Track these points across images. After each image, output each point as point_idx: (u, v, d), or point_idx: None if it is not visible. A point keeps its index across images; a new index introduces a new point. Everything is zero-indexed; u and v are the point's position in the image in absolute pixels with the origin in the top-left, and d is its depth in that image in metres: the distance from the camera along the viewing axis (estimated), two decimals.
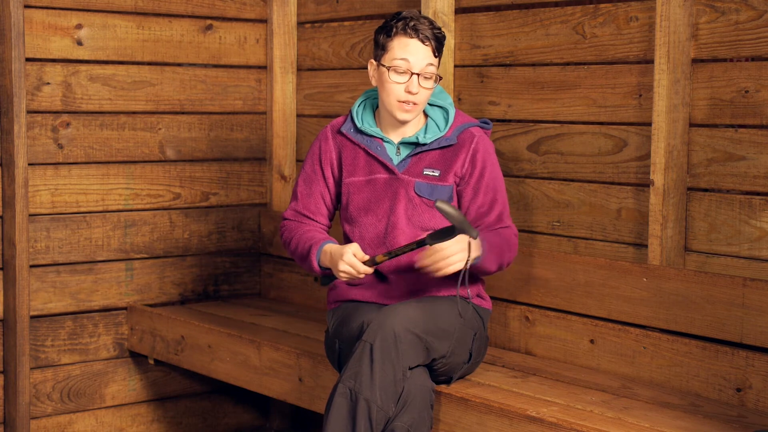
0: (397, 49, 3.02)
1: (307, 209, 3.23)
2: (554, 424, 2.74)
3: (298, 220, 3.23)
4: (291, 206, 3.26)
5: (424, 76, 3.02)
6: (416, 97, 3.02)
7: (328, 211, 3.24)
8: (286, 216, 3.26)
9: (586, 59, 3.42)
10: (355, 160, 3.17)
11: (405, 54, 3.01)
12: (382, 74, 3.06)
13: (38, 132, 3.94)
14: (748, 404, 2.94)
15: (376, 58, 3.09)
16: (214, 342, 3.79)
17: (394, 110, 3.06)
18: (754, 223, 3.03)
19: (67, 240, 4.03)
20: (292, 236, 3.20)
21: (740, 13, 3.03)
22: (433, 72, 3.03)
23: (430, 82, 3.04)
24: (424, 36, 3.01)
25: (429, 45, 3.02)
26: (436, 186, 3.10)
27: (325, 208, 3.24)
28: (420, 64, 3.01)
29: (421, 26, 3.01)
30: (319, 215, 3.22)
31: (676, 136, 3.15)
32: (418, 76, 3.01)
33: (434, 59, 3.03)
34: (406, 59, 3.01)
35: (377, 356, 2.82)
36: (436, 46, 3.03)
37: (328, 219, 3.25)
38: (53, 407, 4.06)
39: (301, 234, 3.17)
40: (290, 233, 3.21)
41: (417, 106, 3.05)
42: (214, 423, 4.44)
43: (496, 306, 3.52)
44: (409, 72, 3.01)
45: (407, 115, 3.06)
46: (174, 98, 4.24)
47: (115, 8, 4.06)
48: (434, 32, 3.03)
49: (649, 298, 3.14)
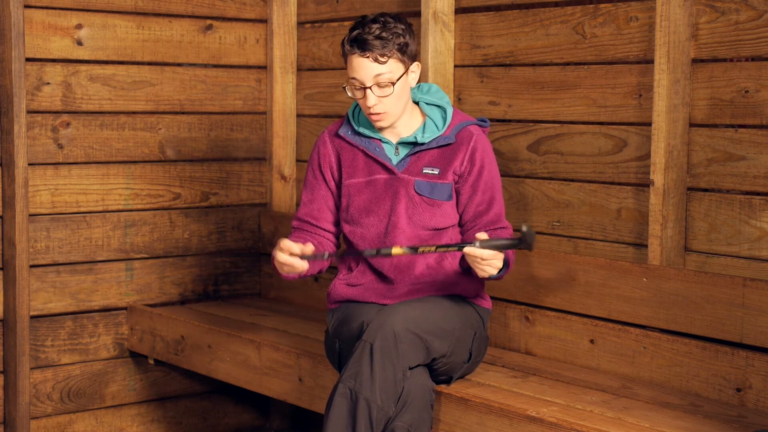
0: (348, 68, 3.01)
1: (310, 216, 3.22)
2: (554, 424, 2.74)
3: (301, 228, 3.22)
4: (296, 214, 3.25)
5: (378, 86, 3.00)
6: (378, 108, 3.01)
7: (332, 216, 3.22)
8: (293, 225, 3.26)
9: (586, 59, 3.42)
10: (354, 162, 3.16)
11: (352, 72, 3.00)
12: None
13: (38, 132, 3.94)
14: (748, 404, 2.94)
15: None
16: (214, 342, 3.79)
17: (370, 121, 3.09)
18: (754, 223, 3.03)
19: (67, 240, 4.03)
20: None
21: (740, 13, 3.03)
22: (386, 79, 2.98)
23: (387, 89, 2.99)
24: (362, 48, 2.96)
25: (369, 56, 2.96)
26: (436, 184, 3.10)
27: (329, 213, 3.22)
28: (366, 78, 2.98)
29: (362, 35, 2.96)
30: (323, 221, 3.21)
31: (676, 136, 3.15)
32: (370, 89, 2.99)
33: (381, 66, 2.97)
34: (353, 77, 3.00)
35: (377, 356, 2.83)
36: (380, 51, 2.95)
37: (333, 224, 3.22)
38: (53, 407, 4.06)
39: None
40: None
41: (386, 114, 3.03)
42: (214, 423, 4.44)
43: (496, 306, 3.52)
44: (362, 88, 3.01)
45: (381, 123, 3.06)
46: (174, 98, 4.24)
47: (115, 8, 4.06)
48: (378, 36, 2.95)
49: (649, 298, 3.14)
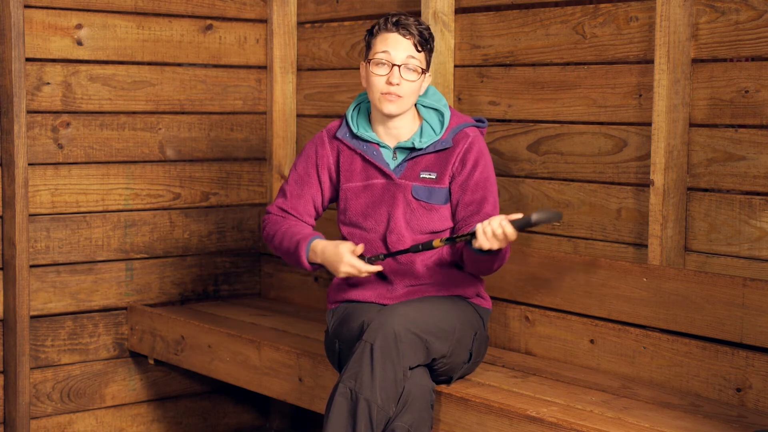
0: (379, 44, 3.04)
1: (294, 209, 3.21)
2: (554, 424, 2.74)
3: (282, 216, 3.21)
4: (277, 203, 3.23)
5: (406, 68, 3.02)
6: (398, 89, 3.02)
7: (316, 214, 3.24)
8: (270, 210, 3.23)
9: (586, 59, 3.42)
10: (352, 166, 3.16)
11: (385, 47, 3.02)
12: (367, 70, 3.07)
13: (38, 132, 3.94)
14: (748, 404, 2.94)
15: (365, 58, 3.10)
16: (214, 342, 3.79)
17: (378, 104, 3.06)
18: (754, 223, 3.03)
19: (67, 240, 4.03)
20: (276, 230, 3.17)
21: (740, 13, 3.03)
22: (416, 65, 3.03)
23: (413, 75, 3.03)
24: (405, 30, 3.02)
25: (410, 38, 3.02)
26: (433, 189, 3.09)
27: (314, 211, 3.23)
28: (400, 56, 3.01)
29: (404, 21, 3.03)
30: (306, 216, 3.21)
31: (676, 136, 3.14)
32: (399, 68, 3.01)
33: (417, 53, 3.03)
34: (386, 51, 3.02)
35: (377, 356, 2.83)
36: (419, 41, 3.03)
37: (314, 220, 3.25)
38: (53, 407, 4.06)
39: (286, 229, 3.15)
40: (274, 227, 3.19)
41: (401, 99, 3.04)
42: (214, 423, 4.44)
43: (496, 306, 3.52)
44: (390, 64, 3.02)
45: (391, 106, 3.04)
46: (174, 98, 4.24)
47: (115, 8, 4.06)
48: (418, 28, 3.04)
49: (649, 298, 3.14)
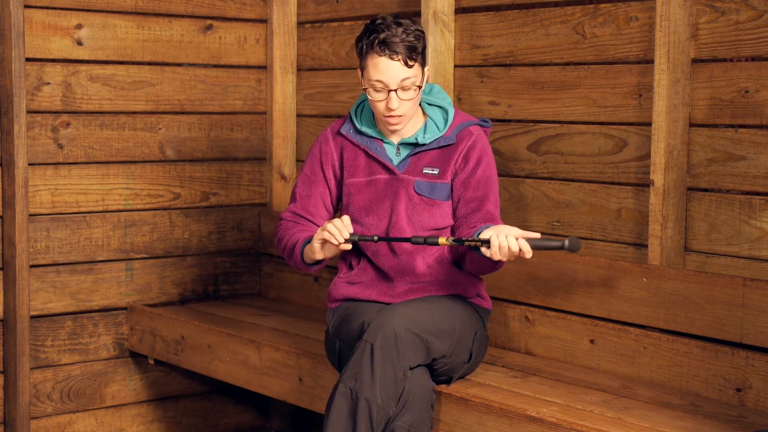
0: (371, 69, 3.00)
1: (306, 211, 3.22)
2: (554, 424, 2.74)
3: (295, 221, 3.23)
4: (289, 208, 3.25)
5: (402, 89, 3.01)
6: (399, 110, 3.02)
7: (327, 213, 3.23)
8: (283, 216, 3.25)
9: (586, 59, 3.42)
10: (356, 161, 3.17)
11: (378, 75, 2.99)
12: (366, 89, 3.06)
13: (38, 132, 3.94)
14: (748, 404, 2.94)
15: (360, 71, 3.08)
16: (214, 342, 3.79)
17: (382, 125, 3.10)
18: (754, 223, 3.03)
19: (67, 240, 4.03)
20: (284, 235, 3.20)
21: (740, 13, 3.03)
22: (411, 83, 3.00)
23: (410, 93, 3.02)
24: (392, 51, 2.96)
25: (398, 59, 2.97)
26: (435, 184, 3.10)
27: (325, 210, 3.23)
28: (394, 81, 2.99)
29: (390, 38, 2.96)
30: (318, 217, 3.22)
31: (676, 136, 3.15)
32: (396, 92, 3.00)
33: (408, 70, 2.99)
34: (380, 80, 2.99)
35: (378, 356, 2.83)
36: (407, 55, 2.97)
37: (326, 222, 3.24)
38: (53, 407, 4.06)
39: (292, 233, 3.17)
40: (283, 232, 3.21)
41: (403, 117, 3.05)
42: (214, 423, 4.44)
43: (496, 306, 3.52)
44: (386, 90, 3.01)
45: (396, 127, 3.08)
46: (174, 98, 4.24)
47: (115, 8, 4.06)
48: (405, 40, 2.97)
49: (649, 298, 3.14)
